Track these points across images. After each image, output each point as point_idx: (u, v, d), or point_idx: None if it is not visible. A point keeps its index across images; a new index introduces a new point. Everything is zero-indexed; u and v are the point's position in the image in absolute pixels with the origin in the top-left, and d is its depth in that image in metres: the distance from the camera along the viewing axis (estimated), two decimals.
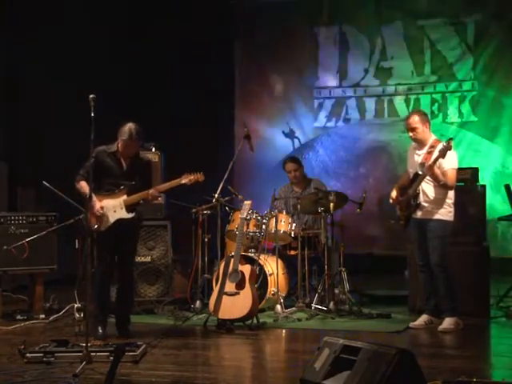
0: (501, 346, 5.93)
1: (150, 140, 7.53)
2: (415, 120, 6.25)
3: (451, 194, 6.24)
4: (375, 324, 6.51)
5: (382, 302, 7.35)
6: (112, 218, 5.81)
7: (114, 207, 5.81)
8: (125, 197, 5.84)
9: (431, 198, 6.21)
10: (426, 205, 6.22)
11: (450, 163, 6.15)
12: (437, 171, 6.05)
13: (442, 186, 6.13)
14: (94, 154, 5.69)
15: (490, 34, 9.90)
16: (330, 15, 10.69)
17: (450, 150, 5.97)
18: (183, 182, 5.95)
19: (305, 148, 10.73)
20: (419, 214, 6.27)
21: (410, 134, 6.28)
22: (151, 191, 5.85)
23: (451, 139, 6.06)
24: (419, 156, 6.28)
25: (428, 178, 6.15)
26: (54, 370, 4.86)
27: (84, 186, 5.83)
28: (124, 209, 5.82)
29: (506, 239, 9.74)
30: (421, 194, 6.22)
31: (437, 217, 6.20)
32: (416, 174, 6.24)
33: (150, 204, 6.30)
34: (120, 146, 5.86)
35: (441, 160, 6.07)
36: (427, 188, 6.22)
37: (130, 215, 5.85)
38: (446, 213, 6.22)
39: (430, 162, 6.03)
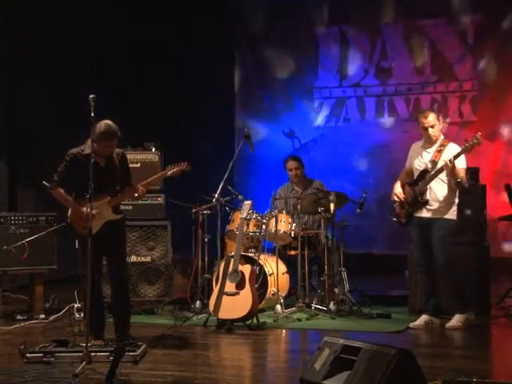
0: (501, 346, 5.94)
1: (150, 140, 7.54)
2: (433, 117, 6.26)
3: (457, 193, 6.25)
4: (375, 324, 6.51)
5: (381, 302, 7.35)
6: (100, 221, 5.60)
7: (100, 210, 5.57)
8: (109, 198, 5.65)
9: (440, 197, 6.20)
10: (434, 203, 6.21)
11: (461, 163, 6.14)
12: (458, 168, 6.05)
13: (457, 184, 6.13)
14: (68, 158, 5.60)
15: (490, 34, 9.90)
16: (330, 15, 10.69)
17: (479, 144, 5.94)
18: (168, 174, 5.84)
19: (305, 148, 10.74)
20: (425, 212, 6.26)
21: (430, 131, 6.24)
22: (139, 189, 5.70)
23: (479, 133, 6.06)
24: (429, 154, 6.27)
25: (439, 177, 6.15)
26: (54, 370, 4.86)
27: (62, 193, 5.62)
28: (111, 211, 5.66)
29: (505, 239, 9.74)
30: (428, 192, 6.22)
31: (444, 216, 6.21)
32: (425, 171, 6.23)
33: (138, 198, 6.10)
34: (99, 146, 5.42)
35: (451, 159, 6.06)
36: (437, 187, 6.20)
37: (118, 216, 5.72)
38: (452, 212, 6.23)
39: (451, 158, 6.00)
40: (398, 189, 6.41)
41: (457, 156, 6.00)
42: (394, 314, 6.82)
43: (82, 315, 6.40)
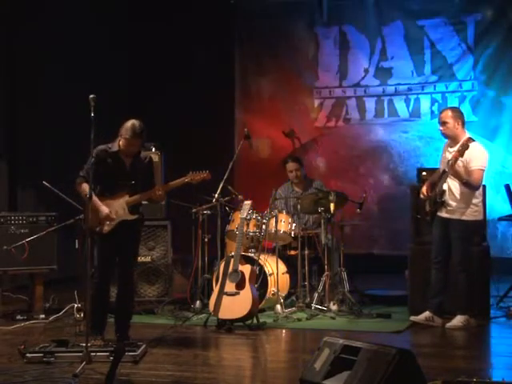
0: (501, 346, 5.94)
1: (150, 140, 7.53)
2: (448, 114, 6.28)
3: (478, 192, 6.24)
4: (375, 324, 6.51)
5: (382, 302, 7.35)
6: (115, 220, 5.60)
7: (116, 209, 5.61)
8: (127, 197, 5.64)
9: (457, 196, 6.21)
10: (451, 203, 6.23)
11: (478, 163, 6.14)
12: (459, 169, 6.06)
13: (464, 185, 6.14)
14: (95, 153, 5.58)
15: (490, 34, 9.90)
16: (330, 15, 10.69)
17: (467, 149, 5.99)
18: (188, 180, 5.78)
19: (305, 148, 10.73)
20: (444, 212, 6.28)
21: (441, 128, 6.30)
22: (158, 191, 5.66)
23: (469, 138, 6.08)
24: (450, 153, 6.28)
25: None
26: (54, 370, 4.86)
27: (87, 188, 5.55)
28: (127, 210, 5.64)
29: (506, 239, 9.73)
30: (447, 192, 6.22)
31: (461, 217, 6.21)
32: (444, 171, 6.25)
33: (155, 203, 6.09)
34: (122, 144, 5.62)
35: (469, 159, 6.08)
36: (454, 186, 6.22)
37: (133, 217, 5.68)
38: (471, 212, 6.22)
39: (451, 161, 6.05)
40: (424, 188, 6.43)
41: (455, 160, 6.01)
42: (393, 313, 6.83)
43: (82, 315, 6.39)
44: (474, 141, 6.23)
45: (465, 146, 5.98)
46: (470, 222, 6.25)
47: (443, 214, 6.30)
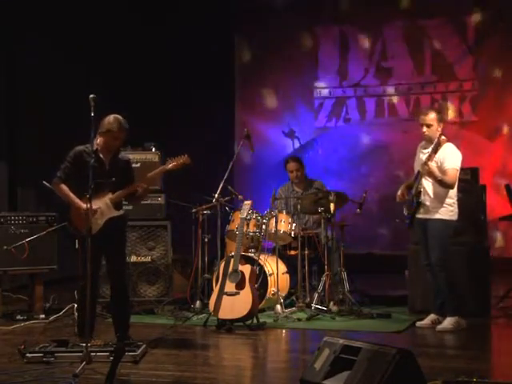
0: (501, 346, 5.94)
1: (150, 140, 7.54)
2: (432, 117, 6.23)
3: (452, 193, 6.23)
4: (375, 324, 6.51)
5: (382, 302, 7.34)
6: (101, 219, 5.57)
7: (101, 207, 5.56)
8: (110, 195, 5.60)
9: (432, 195, 6.21)
10: (427, 203, 6.22)
11: (452, 163, 6.14)
12: (432, 167, 6.07)
13: (438, 183, 6.14)
14: (73, 154, 5.60)
15: (490, 34, 9.91)
16: (330, 15, 10.70)
17: (439, 145, 6.06)
18: (169, 167, 5.75)
19: (305, 148, 10.74)
20: (421, 212, 6.27)
21: (424, 129, 6.26)
22: (139, 186, 5.61)
23: (440, 135, 6.11)
24: (424, 154, 6.29)
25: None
26: (54, 370, 4.86)
27: (64, 189, 5.60)
28: (112, 207, 5.61)
29: (506, 239, 9.74)
30: (422, 193, 6.23)
31: (436, 216, 6.20)
32: (418, 172, 6.26)
33: (140, 199, 5.96)
34: (105, 139, 5.53)
35: (443, 159, 6.10)
36: (428, 186, 6.22)
37: (120, 212, 5.67)
38: (446, 212, 6.21)
39: (425, 159, 6.07)
40: (400, 190, 6.42)
41: (429, 157, 6.09)
42: (393, 313, 6.82)
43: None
44: (447, 141, 6.25)
45: (437, 143, 6.06)
46: (446, 222, 6.22)
47: (421, 214, 6.27)
